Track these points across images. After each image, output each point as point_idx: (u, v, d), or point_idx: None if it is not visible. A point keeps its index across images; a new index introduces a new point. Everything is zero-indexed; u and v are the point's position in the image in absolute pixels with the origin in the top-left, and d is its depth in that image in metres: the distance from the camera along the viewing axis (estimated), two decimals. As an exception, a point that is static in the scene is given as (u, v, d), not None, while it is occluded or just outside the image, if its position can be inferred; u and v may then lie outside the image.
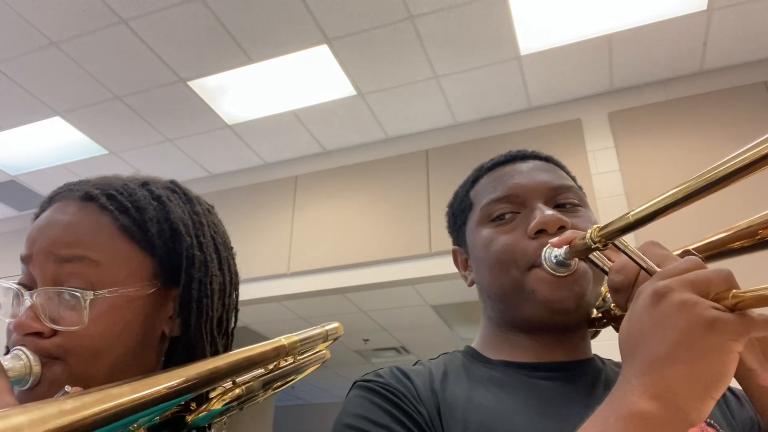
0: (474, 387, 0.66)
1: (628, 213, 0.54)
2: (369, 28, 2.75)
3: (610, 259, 0.61)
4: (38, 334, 0.57)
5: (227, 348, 0.69)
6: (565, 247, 0.64)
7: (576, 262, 0.65)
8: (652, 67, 3.00)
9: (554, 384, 0.67)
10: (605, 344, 0.99)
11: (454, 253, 0.84)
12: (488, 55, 2.92)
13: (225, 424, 0.66)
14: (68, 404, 0.39)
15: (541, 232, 0.68)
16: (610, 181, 2.90)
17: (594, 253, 0.62)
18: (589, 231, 0.59)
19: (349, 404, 0.65)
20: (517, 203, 0.73)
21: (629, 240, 0.56)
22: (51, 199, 0.65)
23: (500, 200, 0.74)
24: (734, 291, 0.44)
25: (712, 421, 0.64)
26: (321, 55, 2.92)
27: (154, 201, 0.65)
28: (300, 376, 0.75)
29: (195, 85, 3.13)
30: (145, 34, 2.78)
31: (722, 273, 0.46)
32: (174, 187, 0.70)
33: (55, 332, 0.56)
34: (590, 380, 0.68)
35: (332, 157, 3.70)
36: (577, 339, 0.72)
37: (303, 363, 0.73)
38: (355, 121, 3.43)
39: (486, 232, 0.73)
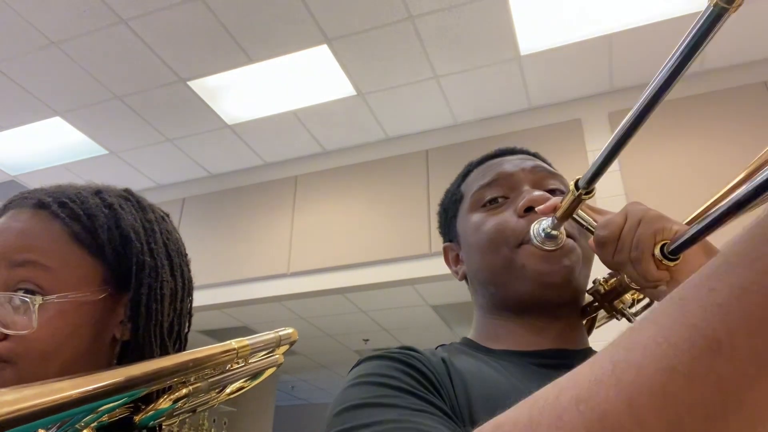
0: (480, 365, 0.66)
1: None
2: (369, 28, 2.75)
3: (594, 220, 0.65)
4: None
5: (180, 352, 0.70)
6: (551, 217, 0.66)
7: (563, 236, 0.68)
8: (652, 67, 2.99)
9: (556, 372, 0.67)
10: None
11: (445, 250, 0.87)
12: (488, 55, 2.92)
13: (225, 423, 0.66)
14: (10, 396, 0.40)
15: (529, 210, 0.71)
16: (610, 181, 2.89)
17: (579, 213, 0.65)
18: (571, 183, 0.61)
19: (352, 373, 0.61)
20: (505, 187, 0.76)
21: (621, 202, 0.58)
22: (5, 207, 0.67)
23: (489, 185, 0.77)
24: None
25: None
26: (321, 55, 2.92)
27: (106, 209, 0.66)
28: (256, 382, 0.77)
29: (195, 85, 3.13)
30: (145, 34, 2.78)
31: None
32: (127, 195, 0.72)
33: (5, 336, 0.58)
34: None
35: (332, 157, 3.70)
36: (569, 325, 0.73)
37: (255, 368, 0.74)
38: (355, 121, 3.43)
39: (477, 216, 0.76)
